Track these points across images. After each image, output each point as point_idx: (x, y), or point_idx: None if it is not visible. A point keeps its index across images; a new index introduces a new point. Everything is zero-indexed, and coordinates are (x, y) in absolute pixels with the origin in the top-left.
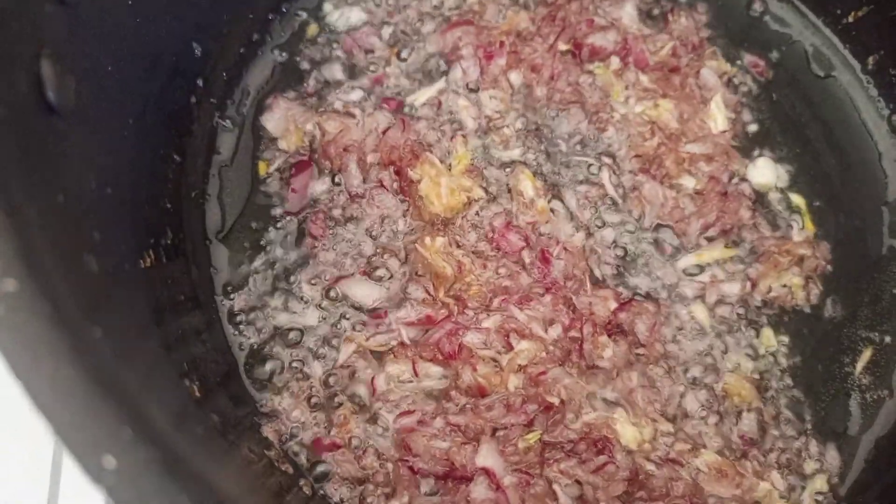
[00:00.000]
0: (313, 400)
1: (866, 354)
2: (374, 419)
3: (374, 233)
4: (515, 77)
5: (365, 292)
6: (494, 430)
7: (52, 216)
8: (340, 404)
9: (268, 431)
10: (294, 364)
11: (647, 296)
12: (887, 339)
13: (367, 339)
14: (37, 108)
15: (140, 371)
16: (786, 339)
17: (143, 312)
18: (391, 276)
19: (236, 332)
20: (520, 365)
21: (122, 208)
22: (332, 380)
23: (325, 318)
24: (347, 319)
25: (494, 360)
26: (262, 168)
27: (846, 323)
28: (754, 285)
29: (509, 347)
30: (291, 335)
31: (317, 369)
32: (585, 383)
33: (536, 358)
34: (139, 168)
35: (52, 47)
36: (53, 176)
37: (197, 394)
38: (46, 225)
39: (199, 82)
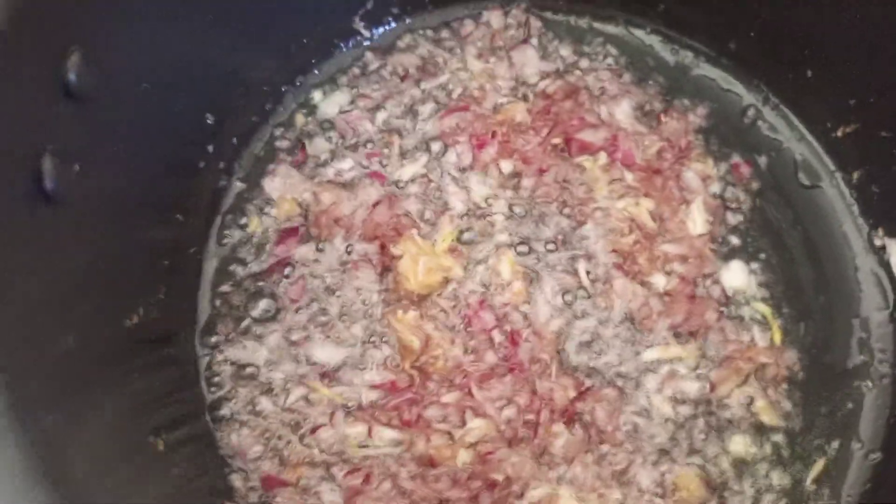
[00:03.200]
0: (267, 436)
1: (819, 465)
2: (326, 468)
3: (347, 302)
4: (506, 165)
5: (329, 354)
6: (440, 501)
7: (33, 302)
8: (296, 447)
9: (235, 480)
10: (255, 403)
11: (610, 383)
12: (839, 450)
13: (329, 388)
14: (32, 198)
15: (98, 444)
16: (745, 440)
17: (118, 382)
18: (357, 342)
19: (209, 378)
20: (470, 442)
21: (116, 275)
22: (286, 418)
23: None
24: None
25: (449, 433)
26: (255, 224)
27: (802, 432)
28: (713, 388)
29: (463, 423)
30: (249, 370)
31: (271, 407)
32: (535, 465)
33: (487, 437)
34: (140, 235)
35: (57, 142)
36: (43, 261)
37: (161, 448)
38: (25, 314)
39: (210, 148)
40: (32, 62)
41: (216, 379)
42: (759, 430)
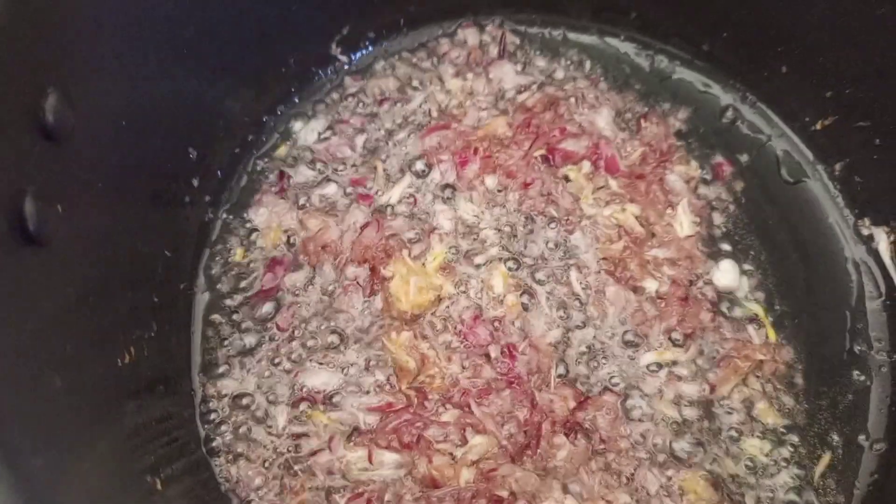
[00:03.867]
0: (266, 465)
1: (825, 459)
2: (328, 494)
3: (339, 327)
4: (491, 181)
5: (323, 379)
6: None
7: (17, 345)
8: (297, 474)
9: None
10: (252, 434)
11: (610, 390)
12: (844, 443)
13: (325, 413)
14: (15, 241)
15: (93, 486)
16: (748, 439)
17: (111, 422)
18: (351, 366)
19: (204, 412)
20: (472, 460)
21: (104, 314)
22: (284, 445)
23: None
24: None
25: (451, 453)
26: (240, 255)
27: (805, 427)
28: (713, 389)
29: (464, 441)
30: (244, 401)
31: (269, 436)
32: (539, 478)
33: (489, 453)
34: (128, 273)
35: (37, 185)
36: (28, 303)
37: (159, 487)
38: (8, 355)
39: (195, 182)
40: (9, 104)
41: (212, 413)
42: (763, 428)
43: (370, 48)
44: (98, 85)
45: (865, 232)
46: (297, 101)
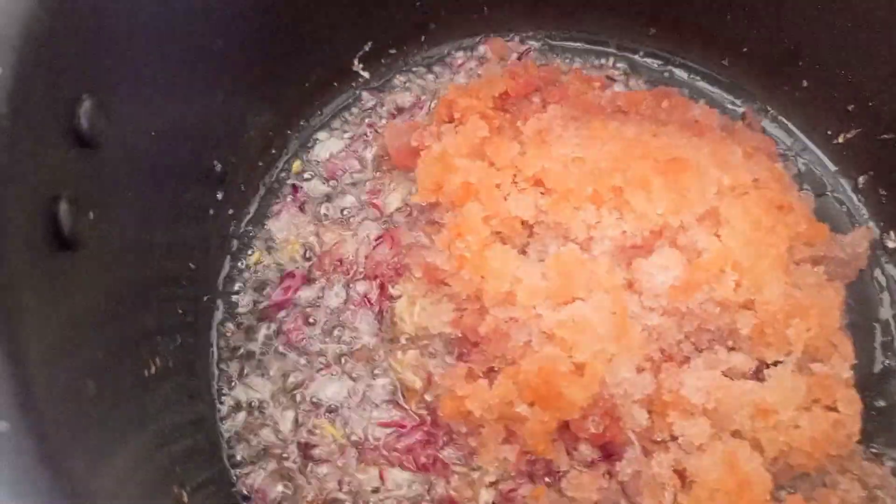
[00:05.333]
0: (281, 474)
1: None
2: None
3: (348, 342)
4: None
5: (333, 391)
6: None
7: (55, 348)
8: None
9: None
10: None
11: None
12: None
13: (334, 425)
14: (51, 245)
15: (122, 491)
16: None
17: (137, 431)
18: (360, 381)
19: (224, 421)
20: (490, 481)
21: (132, 323)
22: (295, 456)
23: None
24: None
25: (468, 474)
26: (256, 263)
27: None
28: None
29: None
30: (259, 413)
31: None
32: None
33: (507, 473)
34: (155, 282)
35: (71, 189)
36: (62, 307)
37: (185, 499)
38: (48, 360)
39: (219, 195)
40: (45, 109)
41: (230, 423)
42: None
43: (391, 63)
44: (131, 94)
45: (891, 245)
46: (318, 115)
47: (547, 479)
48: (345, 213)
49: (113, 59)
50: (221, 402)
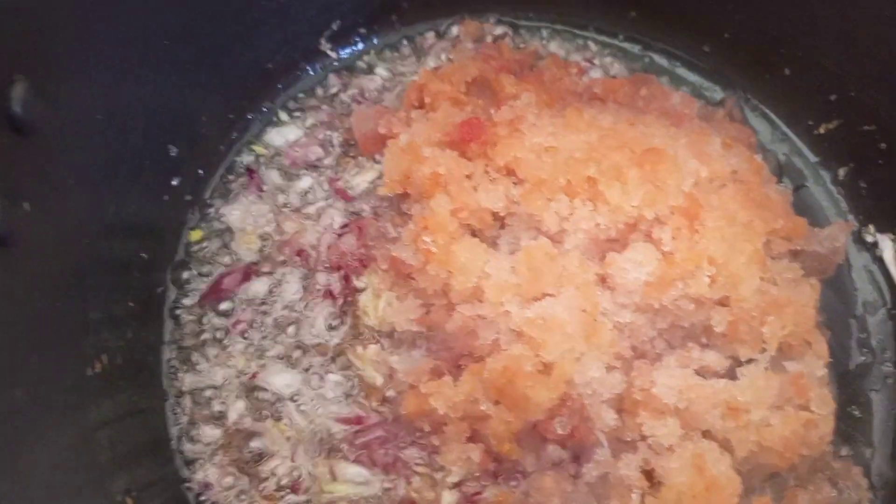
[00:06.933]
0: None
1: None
2: None
3: (303, 333)
4: None
5: (285, 381)
6: None
7: None
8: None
9: None
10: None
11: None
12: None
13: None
14: None
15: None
16: None
17: (78, 436)
18: (315, 374)
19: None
20: (453, 482)
21: (73, 320)
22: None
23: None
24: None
25: (430, 475)
26: (216, 256)
27: None
28: None
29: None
30: (209, 406)
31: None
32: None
33: (471, 474)
34: (102, 277)
35: (3, 180)
36: None
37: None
38: None
39: (175, 181)
40: None
41: (180, 416)
42: None
43: (360, 44)
44: (72, 77)
45: (870, 239)
46: (281, 97)
47: (513, 483)
48: (307, 198)
49: (49, 40)
50: (170, 396)
